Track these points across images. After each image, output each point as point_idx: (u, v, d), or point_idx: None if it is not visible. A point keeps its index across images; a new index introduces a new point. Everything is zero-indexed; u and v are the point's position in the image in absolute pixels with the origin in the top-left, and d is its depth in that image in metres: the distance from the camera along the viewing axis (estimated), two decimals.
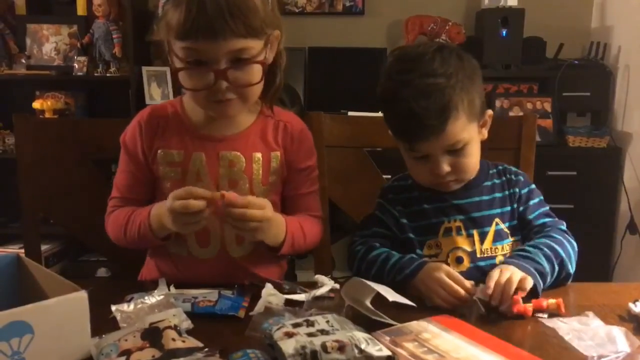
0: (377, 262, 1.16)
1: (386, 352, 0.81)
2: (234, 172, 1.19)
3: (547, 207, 1.26)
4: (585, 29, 3.32)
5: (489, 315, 1.00)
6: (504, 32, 2.99)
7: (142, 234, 1.14)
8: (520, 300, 1.00)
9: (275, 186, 1.23)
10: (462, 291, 1.03)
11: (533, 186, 1.28)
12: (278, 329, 0.84)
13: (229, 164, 1.18)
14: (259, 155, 1.20)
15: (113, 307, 0.96)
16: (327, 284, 1.09)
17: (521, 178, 1.27)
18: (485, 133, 1.23)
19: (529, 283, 1.03)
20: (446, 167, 1.15)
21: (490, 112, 1.23)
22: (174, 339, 0.83)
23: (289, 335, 0.81)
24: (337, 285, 1.09)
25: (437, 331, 0.91)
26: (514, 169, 1.30)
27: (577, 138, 2.96)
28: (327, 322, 0.87)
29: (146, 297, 0.99)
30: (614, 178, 2.95)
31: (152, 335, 0.84)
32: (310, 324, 0.86)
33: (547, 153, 2.60)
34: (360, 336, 0.82)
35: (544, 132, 2.95)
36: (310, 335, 0.82)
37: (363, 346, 0.79)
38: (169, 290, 1.06)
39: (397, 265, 1.12)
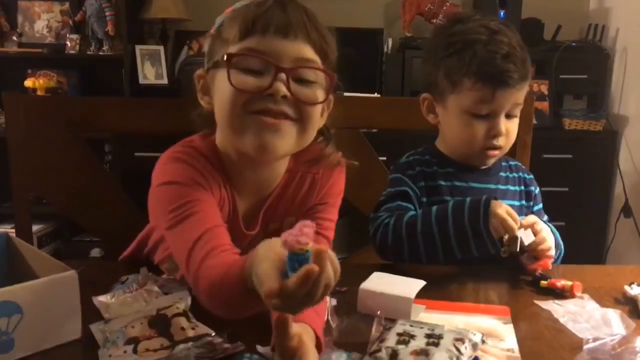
0: (420, 216, 1.13)
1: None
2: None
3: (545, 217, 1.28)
4: (584, 10, 3.30)
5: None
6: (502, 13, 2.97)
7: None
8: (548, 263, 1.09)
9: None
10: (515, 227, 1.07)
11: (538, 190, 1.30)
12: (394, 352, 0.73)
13: None
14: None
15: (95, 300, 0.90)
16: None
17: (532, 178, 1.30)
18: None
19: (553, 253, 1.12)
20: (504, 129, 1.16)
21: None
22: (183, 328, 0.81)
23: (422, 352, 0.73)
24: None
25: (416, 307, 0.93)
26: (523, 166, 1.32)
27: (574, 121, 2.96)
28: (421, 328, 0.80)
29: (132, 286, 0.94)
30: (609, 161, 2.95)
31: (160, 323, 0.82)
32: (406, 335, 0.78)
33: (543, 136, 2.59)
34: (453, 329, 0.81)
35: (541, 114, 2.94)
36: (432, 344, 0.75)
37: (470, 336, 0.79)
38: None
39: (461, 206, 1.11)
